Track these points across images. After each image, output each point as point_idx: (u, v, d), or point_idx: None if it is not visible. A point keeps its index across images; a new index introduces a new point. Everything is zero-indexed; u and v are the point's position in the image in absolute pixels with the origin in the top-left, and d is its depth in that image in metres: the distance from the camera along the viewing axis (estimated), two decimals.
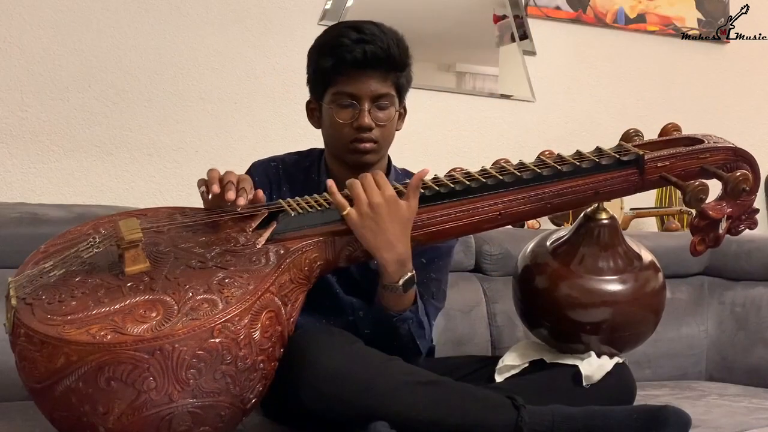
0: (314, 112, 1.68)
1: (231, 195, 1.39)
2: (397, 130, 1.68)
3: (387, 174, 1.72)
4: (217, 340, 1.17)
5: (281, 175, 1.71)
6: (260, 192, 1.46)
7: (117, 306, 1.19)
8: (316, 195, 1.49)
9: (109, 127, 2.33)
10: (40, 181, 2.27)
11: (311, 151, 1.77)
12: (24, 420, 1.52)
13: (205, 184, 1.44)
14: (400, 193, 1.43)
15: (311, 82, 1.66)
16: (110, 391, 1.14)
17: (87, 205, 2.07)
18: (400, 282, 1.44)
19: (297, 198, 1.49)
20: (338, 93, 1.59)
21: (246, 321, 1.21)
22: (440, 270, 1.70)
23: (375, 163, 1.65)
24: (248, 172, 1.69)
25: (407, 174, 1.73)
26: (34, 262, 1.34)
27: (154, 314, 1.17)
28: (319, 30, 2.50)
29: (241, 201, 1.39)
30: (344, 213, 1.39)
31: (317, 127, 1.69)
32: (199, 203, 1.52)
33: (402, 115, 1.69)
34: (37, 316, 1.18)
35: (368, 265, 1.65)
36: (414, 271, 1.46)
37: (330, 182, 1.44)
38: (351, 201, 1.42)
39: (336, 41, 1.58)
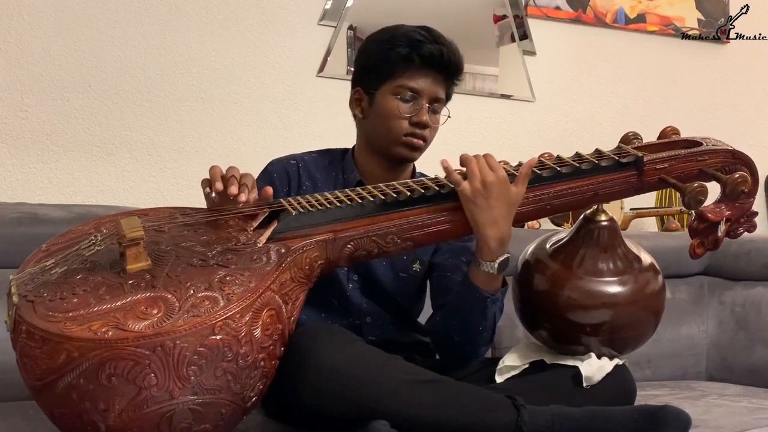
0: (361, 102, 1.70)
1: (234, 189, 1.40)
2: None
3: (411, 175, 1.76)
4: (218, 337, 1.17)
5: (301, 172, 1.72)
6: (269, 189, 1.47)
7: (118, 303, 1.18)
8: (317, 194, 1.49)
9: (109, 127, 2.34)
10: (40, 181, 2.27)
11: (329, 150, 1.79)
12: (24, 420, 1.52)
13: (208, 184, 1.44)
14: (510, 177, 1.45)
15: (366, 71, 1.69)
16: (111, 387, 1.14)
17: (87, 205, 2.07)
18: (497, 261, 1.48)
19: (298, 197, 1.49)
20: (401, 86, 1.63)
21: (247, 318, 1.21)
22: None
23: (414, 161, 1.70)
24: (266, 170, 1.72)
25: (423, 176, 1.74)
26: (35, 261, 1.34)
27: (155, 311, 1.17)
28: (319, 30, 2.56)
29: (243, 197, 1.40)
30: (459, 188, 1.44)
31: (362, 117, 1.71)
32: (199, 203, 1.52)
33: None
34: (38, 313, 1.18)
35: (395, 266, 1.69)
36: (510, 254, 1.50)
37: (446, 161, 1.47)
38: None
39: (412, 35, 1.63)
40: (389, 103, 1.64)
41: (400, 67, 1.63)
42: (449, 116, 1.72)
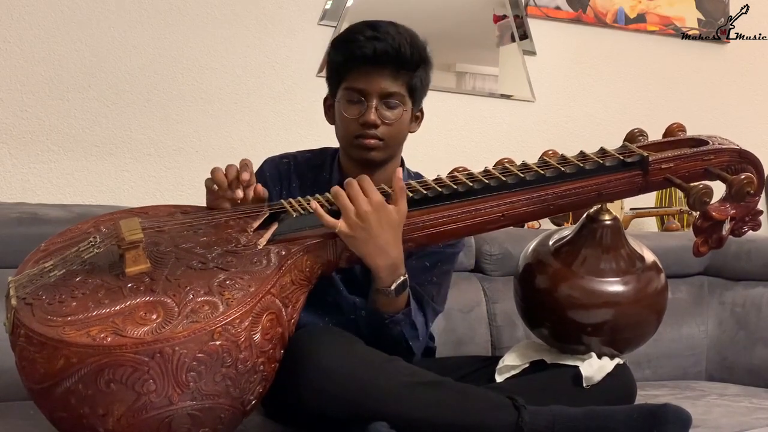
0: (330, 109, 1.70)
1: (240, 193, 1.43)
2: (411, 132, 1.69)
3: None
4: (218, 343, 1.17)
5: (292, 171, 1.72)
6: (260, 187, 1.48)
7: (117, 307, 1.18)
8: (317, 195, 1.48)
9: (109, 127, 2.33)
10: (40, 181, 2.26)
11: (324, 149, 1.78)
12: (24, 420, 1.52)
13: (215, 183, 1.46)
14: (387, 197, 1.41)
15: (327, 79, 1.68)
16: (110, 393, 1.13)
17: (87, 205, 2.07)
18: (393, 287, 1.45)
19: (299, 198, 1.49)
20: (348, 88, 1.61)
21: (247, 323, 1.20)
22: (443, 275, 1.70)
23: (381, 161, 1.65)
24: (261, 168, 1.72)
25: (420, 177, 1.72)
26: (34, 261, 1.34)
27: (154, 316, 1.16)
28: (319, 30, 2.56)
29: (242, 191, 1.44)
30: (336, 230, 1.37)
31: (332, 123, 1.70)
32: (200, 203, 1.51)
33: (418, 117, 1.71)
34: (36, 316, 1.18)
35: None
36: (406, 275, 1.46)
37: (315, 204, 1.40)
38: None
39: (350, 37, 1.60)
40: (340, 106, 1.62)
41: (344, 70, 1.60)
42: (417, 114, 1.68)
